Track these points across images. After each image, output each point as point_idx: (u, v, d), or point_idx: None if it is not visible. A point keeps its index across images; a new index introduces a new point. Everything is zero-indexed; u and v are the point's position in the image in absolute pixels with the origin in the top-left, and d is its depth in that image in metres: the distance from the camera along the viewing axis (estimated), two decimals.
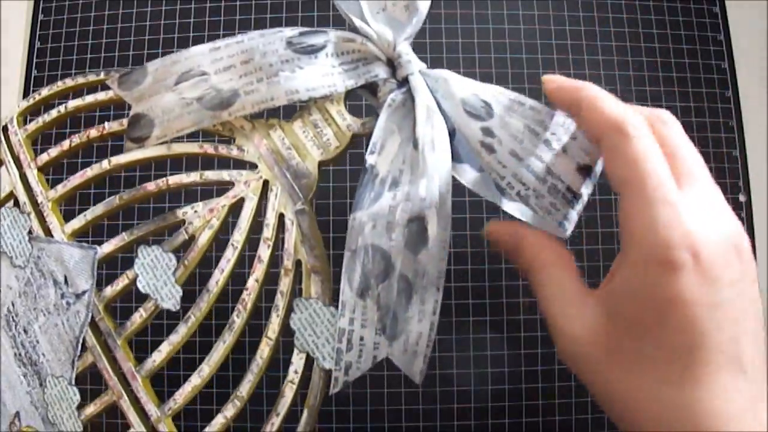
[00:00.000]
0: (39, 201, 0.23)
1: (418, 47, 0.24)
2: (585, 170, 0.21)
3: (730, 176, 0.36)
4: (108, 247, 0.23)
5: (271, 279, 0.22)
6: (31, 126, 0.25)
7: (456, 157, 0.23)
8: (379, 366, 0.33)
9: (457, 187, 0.36)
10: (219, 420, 0.22)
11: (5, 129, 0.24)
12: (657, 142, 0.19)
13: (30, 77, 0.37)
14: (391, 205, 0.21)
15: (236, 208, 0.22)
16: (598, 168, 0.22)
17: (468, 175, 0.23)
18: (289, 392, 0.22)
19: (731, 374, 0.17)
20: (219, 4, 0.38)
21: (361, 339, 0.21)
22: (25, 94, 0.37)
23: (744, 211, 0.36)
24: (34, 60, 0.37)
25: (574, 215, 0.22)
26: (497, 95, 0.22)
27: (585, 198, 0.22)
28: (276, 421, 0.22)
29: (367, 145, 0.22)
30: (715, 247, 0.18)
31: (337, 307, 0.21)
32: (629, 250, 0.18)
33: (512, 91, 0.22)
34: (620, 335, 0.19)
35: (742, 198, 0.36)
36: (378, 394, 0.34)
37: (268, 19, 0.37)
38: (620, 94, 0.37)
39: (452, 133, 0.23)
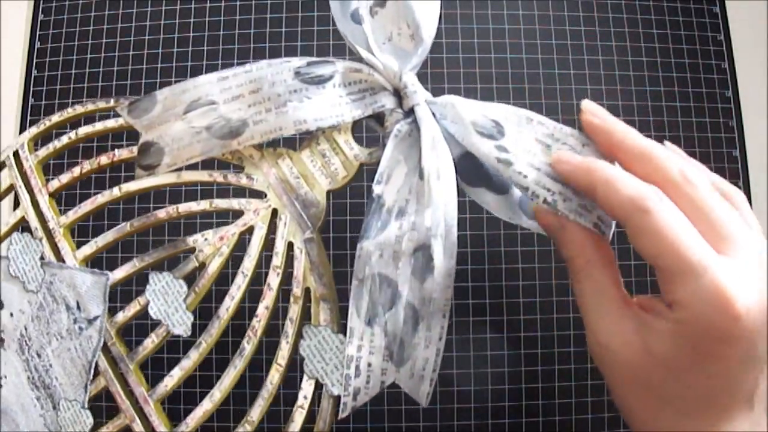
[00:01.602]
0: (51, 227, 0.24)
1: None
2: None
3: (730, 176, 0.36)
4: (119, 273, 0.23)
5: (280, 306, 0.23)
6: (42, 152, 0.25)
7: (473, 182, 0.23)
8: None
9: (457, 187, 0.36)
10: None
11: (16, 154, 0.24)
12: (687, 206, 0.19)
13: (30, 77, 0.37)
14: (397, 235, 0.21)
15: (246, 236, 0.23)
16: None
17: (486, 197, 0.24)
18: (298, 417, 0.22)
19: (744, 412, 0.19)
20: (219, 4, 0.38)
21: (369, 365, 0.22)
22: (25, 95, 0.37)
23: None
24: (34, 60, 0.37)
25: (607, 217, 0.21)
26: (506, 113, 0.22)
27: None
28: None
29: (371, 176, 0.22)
30: (756, 310, 0.18)
31: (345, 334, 0.22)
32: (676, 309, 0.18)
33: (519, 108, 0.22)
34: (655, 367, 0.19)
35: None
36: (378, 394, 0.34)
37: (267, 20, 0.37)
38: (620, 94, 0.37)
39: (465, 158, 0.23)
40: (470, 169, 0.23)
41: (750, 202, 0.35)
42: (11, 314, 0.22)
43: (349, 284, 0.22)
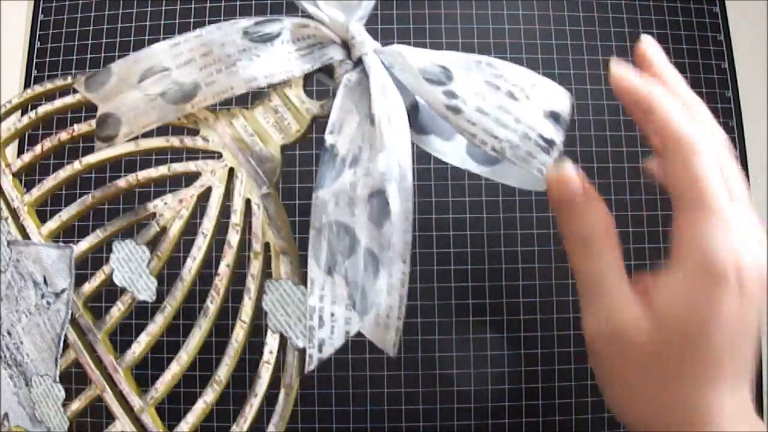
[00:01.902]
0: (15, 206, 0.24)
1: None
2: (553, 116, 0.22)
3: None
4: (84, 245, 0.23)
5: (241, 263, 0.23)
6: (3, 134, 0.25)
7: (423, 130, 0.23)
8: (379, 366, 0.33)
9: (457, 188, 0.36)
10: (199, 405, 0.22)
11: None
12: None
13: (30, 77, 0.37)
14: (352, 182, 0.21)
15: (204, 197, 0.23)
16: (566, 113, 0.22)
17: (437, 145, 0.24)
18: (265, 373, 0.22)
19: (732, 378, 0.19)
20: (219, 4, 0.38)
21: (332, 315, 0.21)
22: None
23: None
24: (34, 60, 0.37)
25: (550, 165, 0.21)
26: (453, 58, 0.22)
27: (560, 145, 0.22)
28: (255, 402, 0.22)
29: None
30: (754, 268, 0.19)
31: (306, 286, 0.22)
32: (680, 261, 0.19)
33: (468, 53, 0.22)
34: (663, 340, 0.19)
35: None
36: (378, 394, 0.34)
37: None
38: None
39: (416, 107, 0.23)
40: (420, 117, 0.23)
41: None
42: None
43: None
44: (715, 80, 0.37)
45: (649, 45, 0.23)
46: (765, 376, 0.35)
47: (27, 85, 0.37)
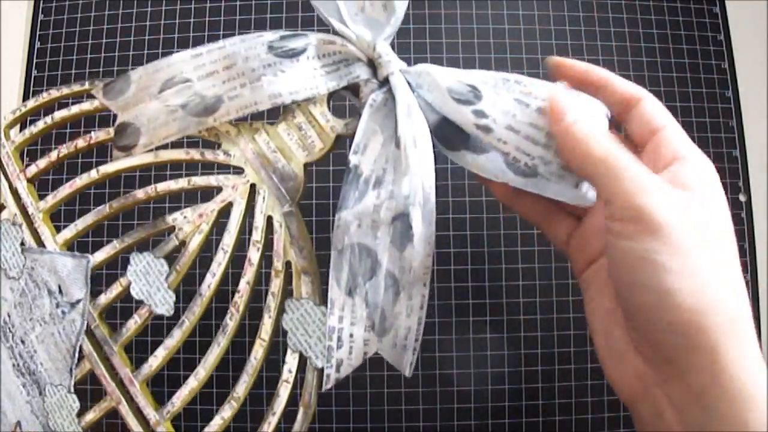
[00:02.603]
0: (30, 212, 0.24)
1: (417, 48, 0.24)
2: None
3: (730, 176, 0.36)
4: (101, 255, 0.23)
5: (261, 281, 0.23)
6: (18, 138, 0.25)
7: (454, 146, 0.23)
8: (379, 366, 0.33)
9: (457, 188, 0.36)
10: (216, 421, 0.22)
11: None
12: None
13: (30, 77, 0.37)
14: (375, 204, 0.21)
15: (225, 212, 0.23)
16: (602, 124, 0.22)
17: (469, 159, 0.23)
18: (284, 392, 0.22)
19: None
20: (219, 4, 0.38)
21: (351, 336, 0.22)
22: (25, 94, 0.37)
23: (744, 211, 0.36)
24: (34, 60, 0.37)
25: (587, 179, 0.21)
26: (482, 77, 0.22)
27: None
28: (273, 420, 0.22)
29: (350, 146, 0.22)
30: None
31: (327, 306, 0.22)
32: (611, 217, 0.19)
33: (495, 71, 0.22)
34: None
35: (742, 198, 0.36)
36: (378, 394, 0.34)
37: (268, 20, 0.37)
38: None
39: (443, 123, 0.23)
40: (450, 134, 0.23)
41: (750, 202, 0.35)
42: None
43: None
44: (715, 80, 0.37)
45: (558, 62, 0.23)
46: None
47: (27, 85, 0.37)
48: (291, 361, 0.22)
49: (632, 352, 0.20)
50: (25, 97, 0.37)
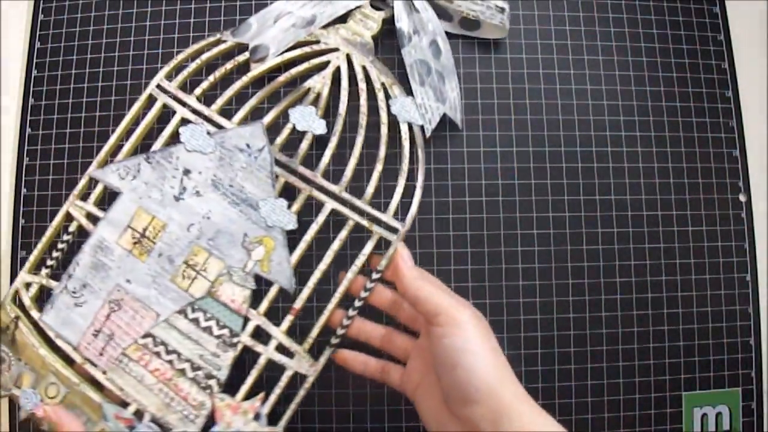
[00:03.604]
0: (207, 114, 0.34)
1: None
2: None
3: (730, 176, 0.36)
4: (267, 118, 0.33)
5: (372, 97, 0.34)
6: (179, 77, 0.35)
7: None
8: None
9: (457, 188, 0.36)
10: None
11: (159, 86, 0.34)
12: None
13: (30, 77, 0.37)
14: (416, 42, 0.35)
15: (336, 73, 0.35)
16: None
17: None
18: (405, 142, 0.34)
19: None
20: (219, 4, 0.38)
21: (430, 106, 0.35)
22: (26, 94, 0.37)
23: (744, 211, 0.36)
24: (34, 60, 0.37)
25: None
26: None
27: (507, 9, 0.35)
28: None
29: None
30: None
31: (413, 95, 0.35)
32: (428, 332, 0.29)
33: None
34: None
35: (742, 198, 0.36)
36: (378, 394, 0.34)
37: None
38: (620, 94, 0.37)
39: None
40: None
41: (750, 202, 0.35)
42: (200, 172, 0.33)
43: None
44: (715, 80, 0.37)
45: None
46: (765, 380, 0.35)
47: (27, 85, 0.37)
48: (404, 128, 0.33)
49: (455, 422, 0.28)
50: (26, 98, 0.37)
